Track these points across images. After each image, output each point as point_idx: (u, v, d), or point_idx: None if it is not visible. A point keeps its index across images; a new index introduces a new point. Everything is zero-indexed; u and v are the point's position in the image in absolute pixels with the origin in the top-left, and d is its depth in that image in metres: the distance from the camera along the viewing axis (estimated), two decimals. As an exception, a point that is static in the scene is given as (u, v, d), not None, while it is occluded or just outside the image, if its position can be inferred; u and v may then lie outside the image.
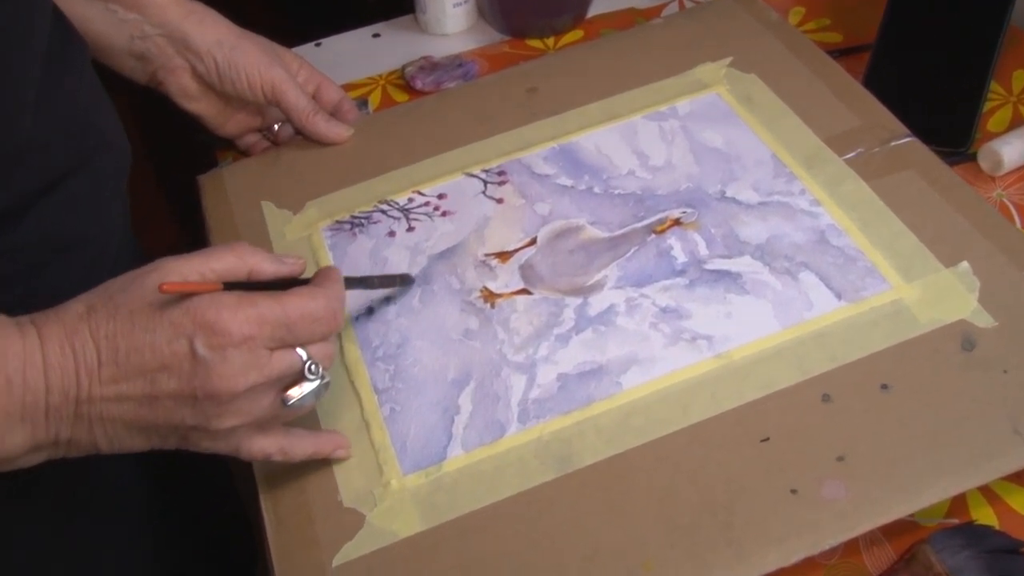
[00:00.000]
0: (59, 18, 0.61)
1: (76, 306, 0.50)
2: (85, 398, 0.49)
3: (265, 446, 0.54)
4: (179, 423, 0.51)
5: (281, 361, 0.52)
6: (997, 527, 0.54)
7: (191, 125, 0.83)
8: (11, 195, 0.55)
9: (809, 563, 0.53)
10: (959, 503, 0.55)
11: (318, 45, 0.97)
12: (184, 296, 0.49)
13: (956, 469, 0.53)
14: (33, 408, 0.48)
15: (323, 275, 0.56)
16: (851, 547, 0.54)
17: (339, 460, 0.59)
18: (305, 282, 0.55)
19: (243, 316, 0.49)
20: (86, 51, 0.64)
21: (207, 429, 0.51)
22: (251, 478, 0.60)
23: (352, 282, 0.59)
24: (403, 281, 0.66)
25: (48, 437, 0.49)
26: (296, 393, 0.52)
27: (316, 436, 0.58)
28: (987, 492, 0.56)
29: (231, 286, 0.51)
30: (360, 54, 0.95)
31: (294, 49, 0.85)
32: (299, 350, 0.52)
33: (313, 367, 0.52)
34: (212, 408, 0.50)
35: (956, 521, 0.55)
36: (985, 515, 0.55)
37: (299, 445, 0.56)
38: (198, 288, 0.50)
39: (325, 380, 0.53)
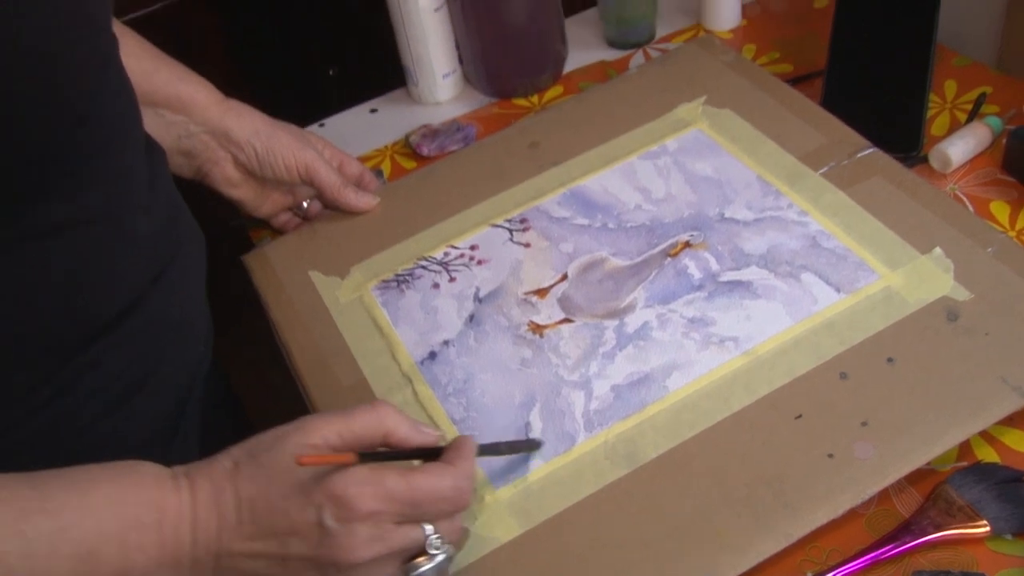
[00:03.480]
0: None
1: (224, 461, 0.54)
2: (225, 552, 0.53)
3: None
4: None
5: (406, 535, 0.54)
6: (1000, 463, 0.65)
7: (226, 212, 0.92)
8: (132, 287, 0.63)
9: (851, 514, 0.62)
10: (965, 448, 0.66)
11: (322, 125, 1.06)
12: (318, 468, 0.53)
13: (961, 420, 0.64)
14: (181, 561, 0.52)
15: (456, 448, 0.58)
16: (883, 496, 0.64)
17: None
18: (439, 450, 0.58)
19: (371, 492, 0.52)
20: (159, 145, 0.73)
21: None
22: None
23: (482, 450, 0.61)
24: (531, 446, 0.67)
25: None
26: (418, 565, 0.55)
27: None
28: (986, 436, 0.66)
29: (366, 457, 0.54)
30: (362, 129, 1.04)
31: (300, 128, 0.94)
32: (425, 525, 0.55)
33: (436, 542, 0.55)
34: (335, 574, 0.54)
35: (966, 463, 0.65)
36: (988, 454, 0.66)
37: None
38: (333, 461, 0.53)
39: (449, 555, 0.56)
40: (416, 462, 0.58)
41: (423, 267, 0.82)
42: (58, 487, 0.50)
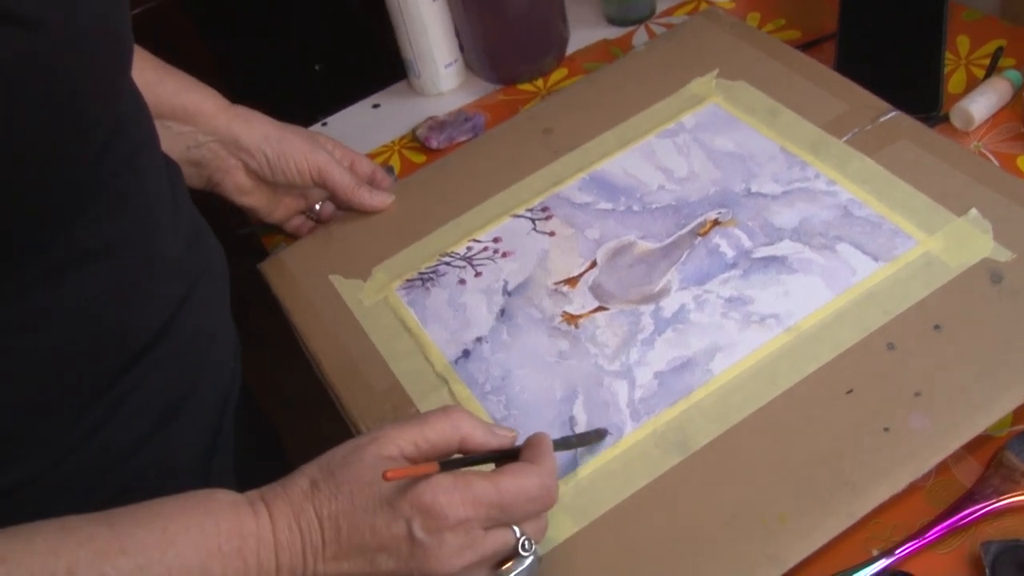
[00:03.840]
0: None
1: (301, 481, 0.53)
2: (311, 574, 0.52)
3: None
4: None
5: (496, 540, 0.54)
6: (1058, 424, 0.64)
7: (235, 220, 0.90)
8: (163, 309, 0.62)
9: (911, 487, 0.61)
10: (1020, 411, 0.64)
11: (324, 124, 1.04)
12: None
13: (1014, 383, 0.62)
14: None
15: (533, 446, 0.57)
16: (942, 467, 0.63)
17: None
18: (516, 451, 0.58)
19: (459, 499, 0.52)
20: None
21: None
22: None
23: (556, 446, 0.60)
24: (599, 436, 0.66)
25: None
26: (510, 570, 0.55)
27: None
28: (1040, 397, 0.65)
29: (446, 465, 0.53)
30: (366, 125, 1.02)
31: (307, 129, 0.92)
32: (514, 528, 0.54)
33: (526, 543, 0.55)
34: None
35: (1022, 426, 0.64)
36: (1044, 417, 0.65)
37: None
38: (419, 472, 0.52)
39: (539, 555, 0.56)
40: (491, 466, 0.57)
41: (447, 263, 0.80)
42: (134, 524, 0.49)
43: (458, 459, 0.55)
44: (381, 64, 1.09)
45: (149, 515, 0.50)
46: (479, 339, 0.74)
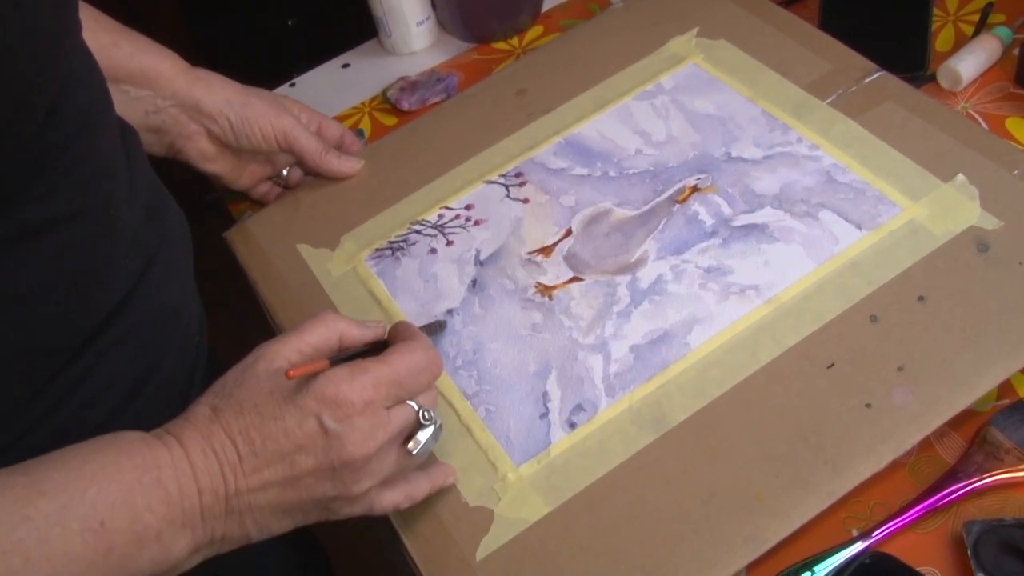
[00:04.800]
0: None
1: (201, 409, 0.54)
2: (233, 492, 0.52)
3: (394, 498, 0.58)
4: (321, 496, 0.55)
5: (399, 416, 0.56)
6: (1044, 398, 0.62)
7: (201, 187, 0.87)
8: (122, 282, 0.59)
9: (893, 464, 0.59)
10: (1006, 386, 0.63)
11: (292, 85, 1.01)
12: (301, 379, 0.54)
13: (1000, 357, 0.61)
14: (191, 513, 0.51)
15: (401, 331, 0.60)
16: (924, 443, 0.62)
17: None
18: (384, 344, 0.60)
19: (360, 384, 0.54)
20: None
21: (348, 496, 0.55)
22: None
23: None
24: (440, 327, 0.70)
25: (205, 537, 0.52)
26: (420, 439, 0.57)
27: (428, 473, 0.62)
28: (1026, 370, 0.63)
29: (334, 361, 0.55)
30: (336, 86, 0.99)
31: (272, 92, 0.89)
32: (410, 402, 0.57)
33: (426, 414, 0.57)
34: (350, 475, 0.55)
35: (1008, 401, 0.62)
36: (1030, 390, 0.63)
37: (420, 487, 0.60)
38: (315, 368, 0.54)
39: (438, 423, 0.58)
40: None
41: (417, 232, 0.78)
42: (50, 468, 0.49)
43: (341, 356, 0.57)
44: (353, 20, 1.05)
45: (63, 459, 0.49)
46: (450, 311, 0.72)
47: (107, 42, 0.73)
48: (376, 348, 0.59)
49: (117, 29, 0.75)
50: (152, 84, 0.76)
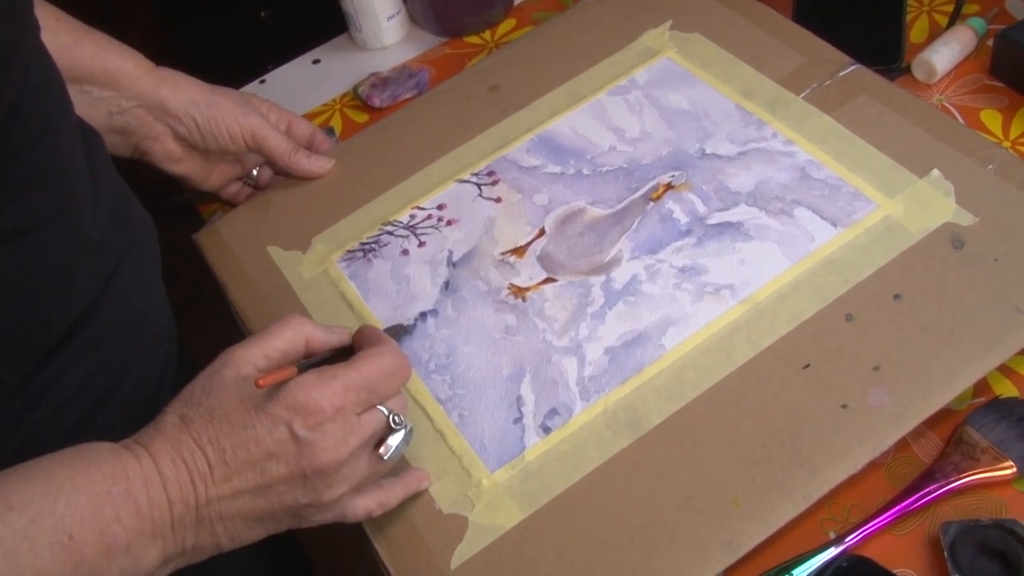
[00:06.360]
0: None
1: (170, 418, 0.53)
2: (204, 501, 0.52)
3: (367, 504, 0.58)
4: (292, 504, 0.54)
5: (370, 421, 0.56)
6: (1020, 397, 0.61)
7: (170, 188, 0.85)
8: (85, 291, 0.58)
9: (869, 465, 0.59)
10: (982, 384, 0.62)
11: (262, 82, 0.99)
12: (270, 387, 0.53)
13: (977, 355, 0.60)
14: (161, 523, 0.51)
15: (368, 335, 0.59)
16: (901, 443, 0.61)
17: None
18: (349, 349, 0.59)
19: (330, 391, 0.53)
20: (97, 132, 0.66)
21: (319, 503, 0.55)
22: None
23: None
24: (403, 329, 0.70)
25: (176, 547, 0.52)
26: (391, 443, 0.57)
27: (402, 478, 0.61)
28: (1003, 369, 0.63)
29: (302, 367, 0.55)
30: (306, 83, 0.98)
31: (241, 90, 0.87)
32: (380, 407, 0.57)
33: (396, 418, 0.57)
34: (322, 482, 0.54)
35: (984, 399, 0.62)
36: (1006, 388, 0.62)
37: (393, 493, 0.60)
38: (283, 376, 0.53)
39: (409, 427, 0.58)
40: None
41: (389, 232, 0.76)
42: (19, 482, 0.48)
43: (308, 362, 0.57)
44: (320, 16, 1.03)
45: (31, 472, 0.49)
46: (423, 314, 0.71)
47: (68, 41, 0.71)
48: (342, 354, 0.59)
49: (79, 28, 0.73)
50: (116, 84, 0.74)
